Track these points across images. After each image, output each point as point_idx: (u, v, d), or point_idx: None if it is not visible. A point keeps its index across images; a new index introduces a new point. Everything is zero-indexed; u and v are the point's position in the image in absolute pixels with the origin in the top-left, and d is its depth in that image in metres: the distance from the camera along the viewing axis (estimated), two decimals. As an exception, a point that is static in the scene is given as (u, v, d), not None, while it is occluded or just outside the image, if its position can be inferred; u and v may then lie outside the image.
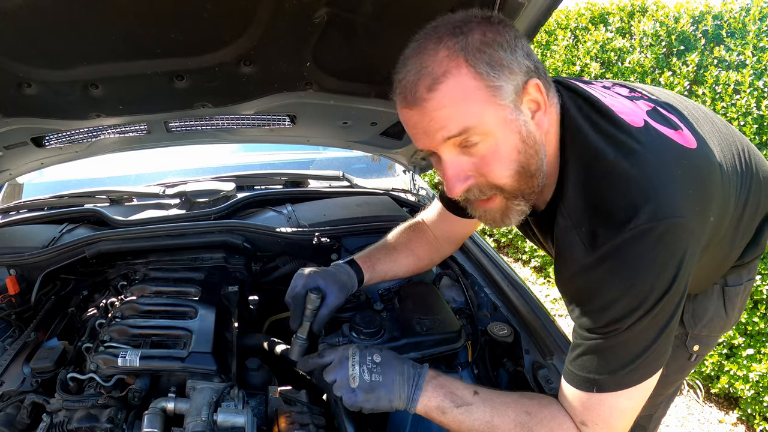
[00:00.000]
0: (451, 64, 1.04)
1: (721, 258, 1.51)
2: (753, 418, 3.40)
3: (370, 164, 3.69)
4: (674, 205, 1.05)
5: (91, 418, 1.35)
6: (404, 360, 1.36)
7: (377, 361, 1.33)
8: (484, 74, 1.04)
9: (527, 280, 5.48)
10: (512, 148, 1.10)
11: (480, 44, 1.05)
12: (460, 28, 1.07)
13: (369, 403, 1.29)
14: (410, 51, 1.11)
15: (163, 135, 2.23)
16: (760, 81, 3.14)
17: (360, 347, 1.37)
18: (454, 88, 1.05)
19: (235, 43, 1.64)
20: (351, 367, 1.32)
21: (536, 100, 1.12)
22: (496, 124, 1.08)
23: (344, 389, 1.30)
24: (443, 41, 1.06)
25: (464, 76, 1.04)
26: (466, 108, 1.06)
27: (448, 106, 1.06)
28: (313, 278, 1.54)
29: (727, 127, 1.45)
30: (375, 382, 1.29)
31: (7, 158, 2.20)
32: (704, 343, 1.74)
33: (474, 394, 1.28)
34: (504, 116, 1.08)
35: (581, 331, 1.16)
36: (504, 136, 1.09)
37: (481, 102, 1.06)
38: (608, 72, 4.26)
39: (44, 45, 1.53)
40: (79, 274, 2.18)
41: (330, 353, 1.40)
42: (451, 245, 1.82)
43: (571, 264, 1.14)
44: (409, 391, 1.29)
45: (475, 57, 1.04)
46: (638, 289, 1.05)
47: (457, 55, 1.04)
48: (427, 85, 1.05)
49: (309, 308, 1.50)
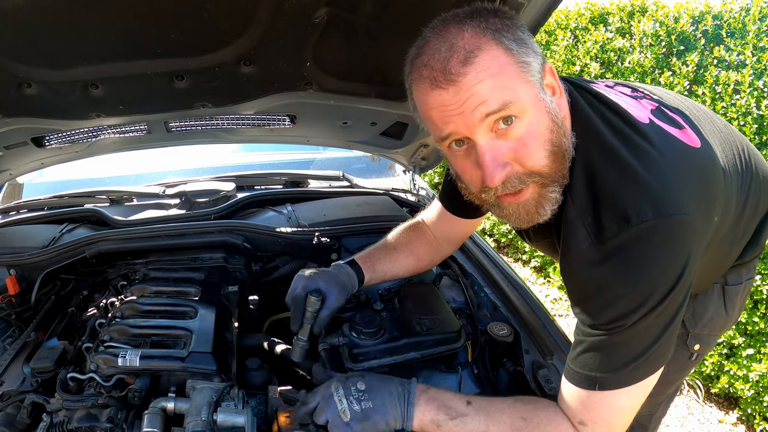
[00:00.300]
0: (482, 40, 1.02)
1: (721, 257, 1.51)
2: (753, 418, 3.40)
3: (370, 164, 3.69)
4: (681, 203, 1.05)
5: (91, 417, 1.35)
6: (390, 379, 1.33)
7: (362, 389, 1.30)
8: (514, 50, 1.03)
9: (527, 280, 5.48)
10: (545, 127, 1.08)
11: (500, 25, 1.04)
12: (475, 14, 1.06)
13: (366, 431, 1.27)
14: (430, 35, 1.07)
15: (163, 135, 2.23)
16: (759, 81, 3.14)
17: (340, 380, 1.34)
18: (490, 61, 1.01)
19: (235, 43, 1.65)
20: (338, 402, 1.28)
21: (552, 85, 1.12)
22: (529, 102, 1.05)
23: (339, 426, 1.26)
24: (465, 23, 1.04)
25: (496, 50, 1.02)
26: (504, 82, 1.02)
27: (487, 78, 1.01)
28: (314, 280, 1.54)
29: (727, 127, 1.46)
30: (366, 410, 1.27)
31: (8, 158, 2.20)
32: (705, 342, 1.74)
33: (467, 404, 1.26)
34: (535, 94, 1.07)
35: (584, 327, 1.16)
36: (537, 114, 1.07)
37: (515, 77, 1.04)
38: (608, 72, 4.26)
39: (44, 45, 1.54)
40: (79, 274, 2.18)
41: (312, 397, 1.34)
42: (450, 245, 1.82)
43: (576, 255, 1.13)
44: (402, 409, 1.27)
45: (501, 34, 1.03)
46: (643, 286, 1.05)
47: (485, 32, 1.03)
48: (461, 60, 1.01)
49: (309, 310, 1.49)
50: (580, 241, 1.11)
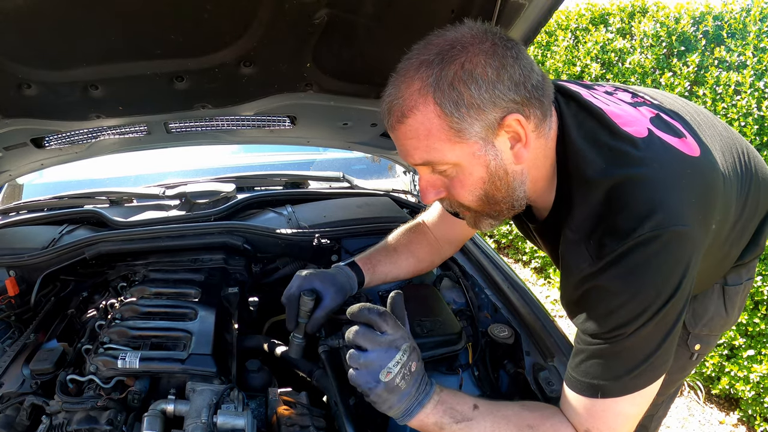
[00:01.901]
0: (420, 100, 1.08)
1: (720, 259, 1.52)
2: (754, 419, 3.40)
3: (370, 165, 3.70)
4: (679, 214, 1.06)
5: (90, 419, 1.35)
6: (424, 375, 1.29)
7: (412, 371, 1.25)
8: (448, 114, 1.07)
9: (528, 281, 5.48)
10: (477, 178, 1.16)
11: (453, 79, 1.05)
12: (444, 54, 1.07)
13: (377, 397, 1.23)
14: (396, 72, 1.15)
15: (162, 136, 2.23)
16: (760, 82, 3.14)
17: (410, 347, 1.26)
18: (419, 124, 1.10)
19: (235, 44, 1.64)
20: (395, 362, 1.21)
21: (517, 134, 1.12)
22: (461, 158, 1.13)
23: (370, 372, 1.21)
24: (420, 71, 1.08)
25: (430, 113, 1.08)
26: (428, 144, 1.11)
27: (413, 139, 1.12)
28: (309, 280, 1.53)
29: (727, 130, 1.46)
30: (398, 388, 1.22)
31: (7, 159, 2.19)
32: (705, 342, 1.75)
33: (474, 409, 1.25)
34: (471, 152, 1.12)
35: (585, 336, 1.16)
36: (470, 167, 1.14)
37: (443, 141, 1.11)
38: (609, 73, 4.26)
39: (44, 46, 1.53)
40: (78, 275, 2.18)
41: (388, 326, 1.25)
42: (451, 247, 1.82)
43: (577, 275, 1.14)
44: (409, 405, 1.24)
45: (443, 95, 1.06)
46: (643, 294, 1.06)
47: (427, 90, 1.07)
48: (397, 117, 1.12)
49: (303, 310, 1.49)
50: (582, 261, 1.13)
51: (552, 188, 1.25)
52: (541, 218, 1.33)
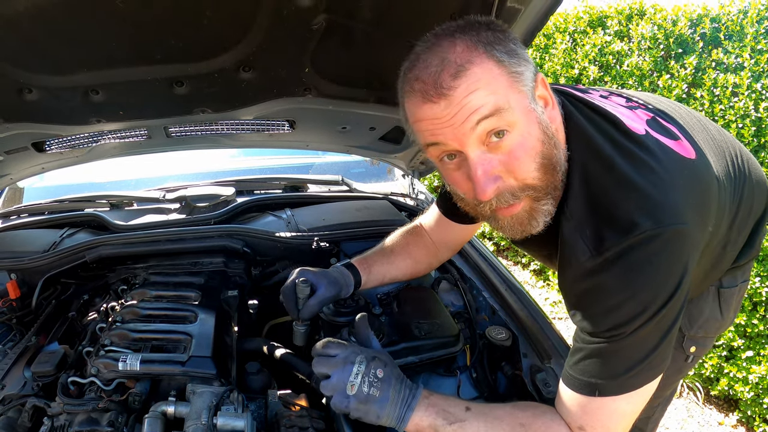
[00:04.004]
0: (473, 54, 1.04)
1: (716, 261, 1.52)
2: (753, 420, 3.41)
3: (369, 168, 3.70)
4: (679, 213, 1.06)
5: (91, 421, 1.36)
6: (402, 379, 1.33)
7: (379, 377, 1.29)
8: (506, 61, 1.05)
9: (527, 283, 5.48)
10: (536, 139, 1.09)
11: (491, 37, 1.06)
12: (467, 28, 1.08)
13: (357, 413, 1.27)
14: (422, 50, 1.10)
15: (163, 140, 2.24)
16: (758, 83, 3.15)
17: (367, 356, 1.32)
18: (481, 73, 1.04)
19: (234, 49, 1.66)
20: (354, 374, 1.28)
21: (544, 96, 1.13)
22: (521, 112, 1.07)
23: (339, 392, 1.27)
24: (456, 37, 1.06)
25: (487, 62, 1.04)
26: (495, 89, 1.04)
27: (477, 89, 1.03)
28: (303, 273, 1.60)
29: (720, 133, 1.47)
30: (371, 396, 1.26)
31: (8, 163, 2.21)
32: (700, 344, 1.75)
33: (466, 410, 1.27)
34: (526, 104, 1.08)
35: (583, 335, 1.16)
36: (528, 125, 1.08)
37: (506, 86, 1.05)
38: (606, 75, 4.27)
39: (45, 51, 1.54)
40: (79, 278, 2.19)
41: (336, 349, 1.33)
42: (448, 250, 1.83)
43: (575, 268, 1.14)
44: (400, 411, 1.27)
45: (492, 46, 1.05)
46: (643, 294, 1.06)
47: (476, 45, 1.05)
48: (452, 73, 1.03)
49: (300, 298, 1.55)
50: (579, 254, 1.11)
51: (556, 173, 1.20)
52: None
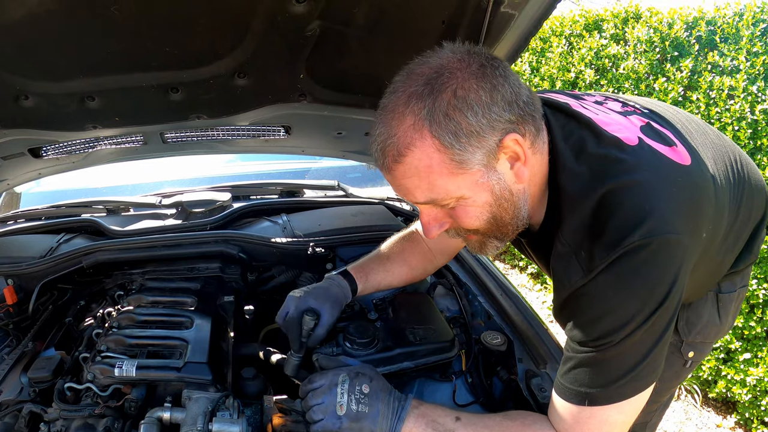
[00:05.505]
0: (416, 135, 1.04)
1: (714, 267, 1.51)
2: (751, 422, 3.41)
3: (365, 173, 3.71)
4: (669, 222, 1.05)
5: (88, 427, 1.36)
6: (390, 390, 1.35)
7: (365, 392, 1.32)
8: (449, 146, 1.03)
9: (524, 286, 5.48)
10: (483, 203, 1.14)
11: (448, 109, 1.02)
12: (433, 83, 1.04)
13: (351, 431, 1.29)
14: (383, 109, 1.10)
15: (159, 146, 2.25)
16: (753, 86, 3.16)
17: (350, 374, 1.37)
18: (419, 161, 1.06)
19: (229, 55, 1.67)
20: (340, 394, 1.32)
21: (515, 153, 1.10)
22: (465, 188, 1.10)
23: (329, 414, 1.30)
24: (411, 104, 1.04)
25: (428, 148, 1.04)
26: (431, 181, 1.08)
27: (413, 177, 1.08)
28: (305, 301, 1.56)
29: (719, 138, 1.45)
30: (361, 413, 1.29)
31: (5, 168, 2.21)
32: (699, 350, 1.74)
33: (456, 420, 1.28)
34: (474, 180, 1.09)
35: (573, 344, 1.16)
36: (474, 195, 1.12)
37: (445, 175, 1.07)
38: (603, 78, 4.28)
39: (41, 58, 1.55)
40: (76, 283, 2.19)
41: (319, 378, 1.38)
42: (444, 256, 1.83)
43: (568, 288, 1.14)
44: (391, 423, 1.29)
45: (440, 127, 1.02)
46: (631, 302, 1.06)
47: (422, 124, 1.03)
48: (393, 156, 1.07)
49: (305, 329, 1.52)
50: (573, 274, 1.12)
51: (544, 201, 1.24)
52: (533, 232, 1.33)
